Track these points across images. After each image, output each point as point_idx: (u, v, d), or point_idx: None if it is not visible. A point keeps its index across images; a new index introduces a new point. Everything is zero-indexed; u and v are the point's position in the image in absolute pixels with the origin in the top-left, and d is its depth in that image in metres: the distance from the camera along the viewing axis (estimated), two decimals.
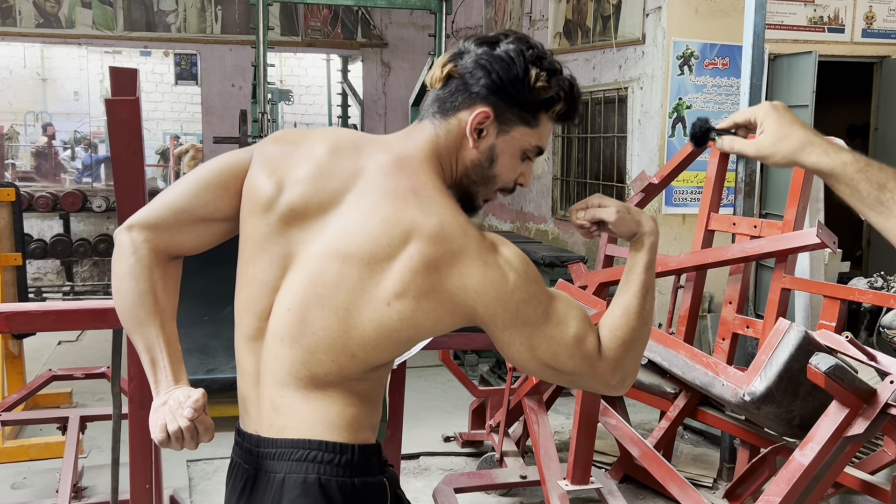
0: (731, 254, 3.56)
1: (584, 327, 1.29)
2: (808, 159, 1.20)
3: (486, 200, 1.40)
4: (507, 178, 1.36)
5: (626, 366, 1.32)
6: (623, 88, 5.67)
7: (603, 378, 1.31)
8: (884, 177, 1.15)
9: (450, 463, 4.12)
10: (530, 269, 1.29)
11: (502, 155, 1.33)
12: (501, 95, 1.29)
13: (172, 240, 1.40)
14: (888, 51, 5.71)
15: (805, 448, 2.90)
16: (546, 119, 1.34)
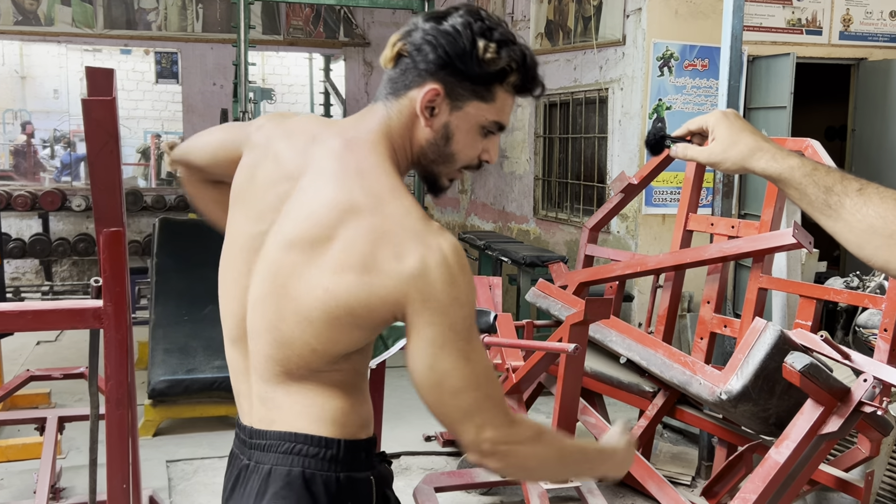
0: (709, 254, 3.60)
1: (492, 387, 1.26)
2: (757, 165, 1.22)
3: (451, 179, 1.37)
4: (467, 156, 1.33)
5: (510, 463, 1.28)
6: (604, 89, 5.70)
7: (480, 443, 1.25)
8: (831, 180, 1.16)
9: (430, 462, 4.13)
10: (468, 275, 1.24)
11: (458, 132, 1.30)
12: (450, 70, 1.26)
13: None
14: (865, 53, 5.78)
15: (780, 446, 2.94)
16: (503, 92, 1.29)
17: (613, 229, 5.58)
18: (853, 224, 1.15)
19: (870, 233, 1.14)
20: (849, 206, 1.14)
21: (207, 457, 4.10)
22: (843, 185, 1.16)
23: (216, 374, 4.35)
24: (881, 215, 1.12)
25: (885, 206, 1.13)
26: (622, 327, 3.63)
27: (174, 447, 4.22)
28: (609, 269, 4.03)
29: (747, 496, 2.95)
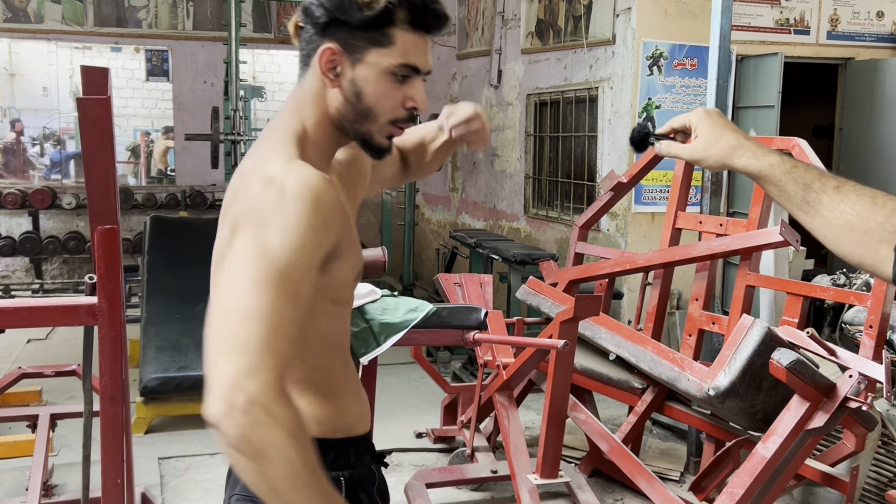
0: (698, 252, 3.63)
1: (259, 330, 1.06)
2: (739, 162, 1.25)
3: (389, 137, 1.32)
4: (385, 106, 1.28)
5: (253, 436, 1.02)
6: (594, 88, 5.73)
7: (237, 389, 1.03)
8: (809, 178, 1.19)
9: (421, 459, 4.15)
10: (308, 210, 1.14)
11: (366, 84, 1.27)
12: (337, 25, 1.24)
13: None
14: (852, 53, 5.84)
15: (767, 441, 2.98)
16: (400, 32, 1.25)
17: (603, 227, 5.62)
18: (830, 220, 1.18)
19: (846, 229, 1.17)
20: (826, 203, 1.17)
21: (199, 454, 4.12)
22: (821, 183, 1.19)
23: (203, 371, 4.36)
24: (857, 212, 1.15)
25: (862, 204, 1.16)
26: (611, 324, 3.66)
27: (166, 444, 4.23)
28: (599, 267, 4.06)
29: (735, 491, 2.99)
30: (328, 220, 1.17)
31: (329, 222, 1.18)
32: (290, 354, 1.10)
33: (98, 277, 1.81)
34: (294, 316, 1.11)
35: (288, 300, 1.10)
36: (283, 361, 1.07)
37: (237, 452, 1.04)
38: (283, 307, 1.09)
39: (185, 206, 8.11)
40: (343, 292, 1.35)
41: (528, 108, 6.78)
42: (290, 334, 1.10)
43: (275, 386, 1.04)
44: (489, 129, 1.66)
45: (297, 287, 1.12)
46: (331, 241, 1.21)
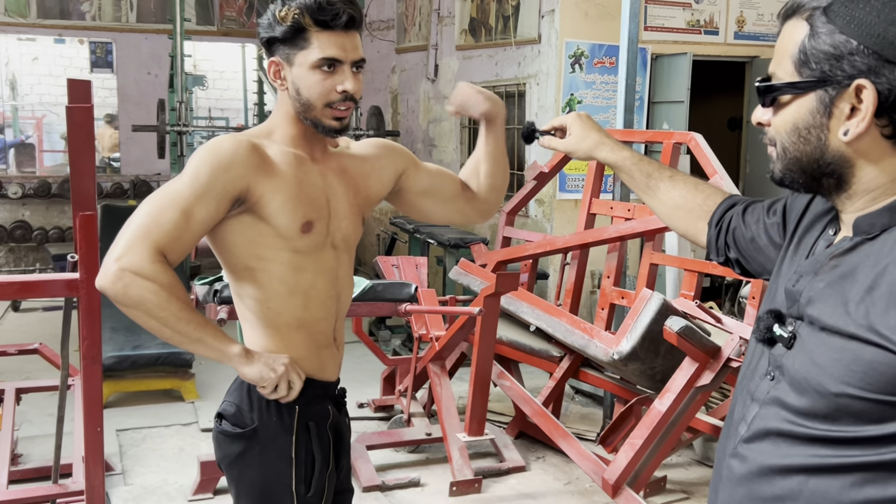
0: (608, 234, 4.06)
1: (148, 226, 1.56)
2: (600, 154, 1.63)
3: (336, 119, 1.69)
4: (318, 93, 1.65)
5: (128, 294, 1.53)
6: (522, 84, 6.14)
7: (113, 260, 1.55)
8: (651, 168, 1.58)
9: (363, 427, 4.50)
10: (209, 157, 1.60)
11: (301, 81, 1.66)
12: (273, 42, 1.66)
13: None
14: (757, 51, 6.35)
15: (663, 398, 3.42)
16: (314, 34, 1.63)
17: (532, 213, 6.04)
18: (665, 201, 1.58)
19: (675, 208, 1.57)
20: (662, 188, 1.57)
21: (154, 426, 4.42)
22: (659, 173, 1.59)
23: (160, 349, 4.65)
24: (683, 196, 1.56)
25: (687, 189, 1.56)
26: (532, 300, 4.08)
27: (123, 418, 4.51)
28: (523, 249, 4.47)
29: (635, 441, 3.43)
30: (226, 163, 1.59)
31: (229, 165, 1.59)
32: (171, 246, 1.56)
33: (80, 256, 2.13)
34: (178, 221, 1.56)
35: (172, 209, 1.56)
36: (159, 245, 1.54)
37: (122, 306, 1.55)
38: (164, 211, 1.56)
39: (133, 194, 8.29)
40: (294, 242, 1.69)
41: None
42: (170, 231, 1.55)
43: (147, 257, 1.52)
44: (478, 93, 1.94)
45: (187, 204, 1.57)
46: (233, 182, 1.61)
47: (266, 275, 1.71)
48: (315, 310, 1.76)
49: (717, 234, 1.49)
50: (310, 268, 1.74)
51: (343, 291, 1.84)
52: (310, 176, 1.73)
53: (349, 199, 1.81)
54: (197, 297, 3.26)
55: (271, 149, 1.70)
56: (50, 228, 8.14)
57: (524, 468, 4.00)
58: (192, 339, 1.60)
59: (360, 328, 4.42)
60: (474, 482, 3.71)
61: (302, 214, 1.69)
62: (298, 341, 1.76)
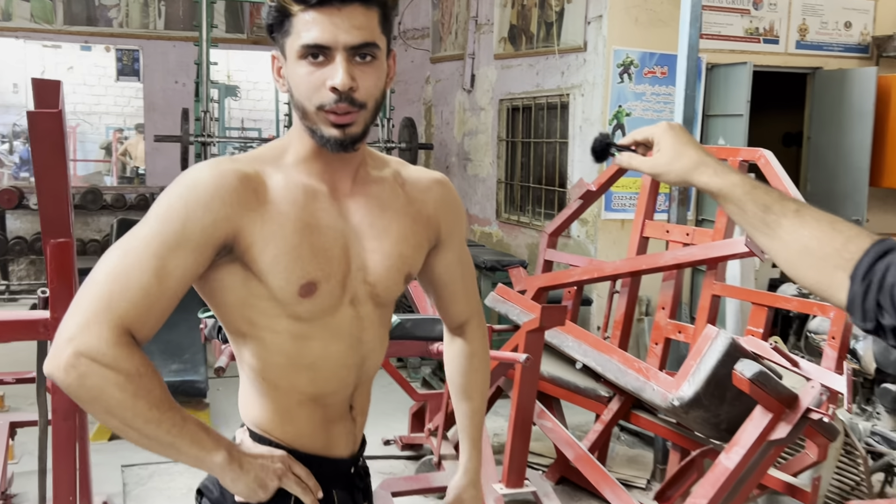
0: (664, 261, 3.65)
1: (107, 292, 1.16)
2: (700, 179, 1.24)
3: (337, 126, 1.27)
4: (303, 91, 1.26)
5: (84, 385, 1.15)
6: (565, 95, 5.75)
7: (67, 343, 1.15)
8: (769, 199, 1.19)
9: (389, 466, 4.14)
10: (183, 193, 1.22)
11: (291, 77, 1.28)
12: (271, 32, 1.29)
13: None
14: (820, 62, 5.90)
15: (730, 451, 3.00)
16: (298, 15, 1.24)
17: (574, 234, 5.63)
18: (788, 243, 1.17)
19: (803, 253, 1.16)
20: (785, 225, 1.17)
21: (163, 461, 4.06)
22: (781, 205, 1.18)
23: (173, 377, 4.32)
24: (816, 237, 1.15)
25: (821, 229, 1.15)
26: (578, 333, 3.67)
27: (129, 452, 4.17)
28: (567, 275, 4.07)
29: (698, 501, 3.00)
30: (205, 201, 1.21)
31: (208, 204, 1.21)
32: (141, 319, 1.18)
33: (51, 291, 1.78)
34: (148, 284, 1.18)
35: (139, 268, 1.18)
36: (124, 319, 1.16)
37: (78, 400, 1.17)
38: (130, 272, 1.17)
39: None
40: (292, 307, 1.30)
41: (500, 112, 6.78)
42: (138, 300, 1.17)
43: (108, 339, 1.14)
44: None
45: (158, 260, 1.19)
46: (214, 225, 1.22)
47: (261, 343, 1.33)
48: (325, 383, 1.38)
49: (864, 291, 1.09)
50: (318, 335, 1.34)
51: (369, 356, 1.44)
52: (321, 217, 1.32)
53: (385, 247, 1.39)
54: (204, 330, 2.90)
55: (274, 178, 1.30)
56: None
57: None
58: (162, 444, 1.21)
59: (385, 358, 4.04)
60: None
61: (300, 274, 1.29)
62: (301, 416, 1.38)
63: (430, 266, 1.54)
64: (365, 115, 1.29)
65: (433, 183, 1.50)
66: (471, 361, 1.66)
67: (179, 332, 4.36)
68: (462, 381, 1.66)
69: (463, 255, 1.59)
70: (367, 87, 1.26)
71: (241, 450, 1.31)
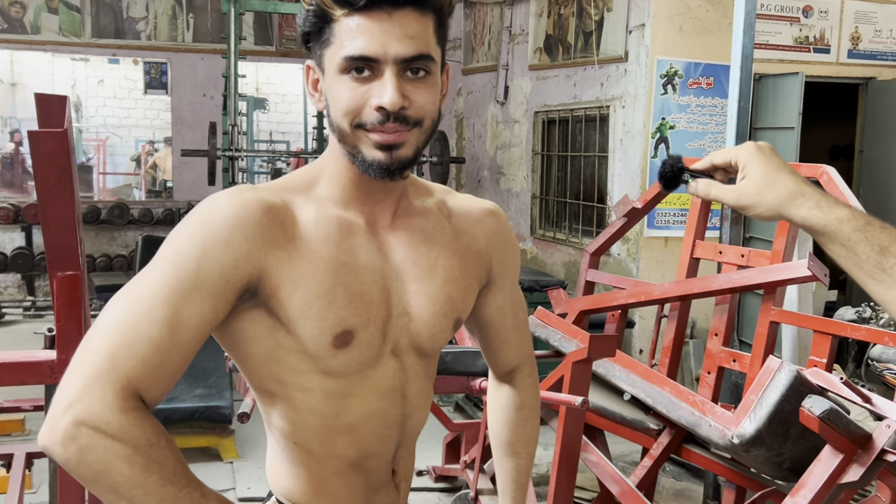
0: (718, 284, 3.42)
1: (116, 344, 0.97)
2: (798, 213, 1.04)
3: (383, 147, 1.08)
4: (339, 110, 1.08)
5: (85, 460, 0.95)
6: (605, 107, 5.53)
7: (65, 412, 0.95)
8: (887, 238, 0.99)
9: (422, 499, 3.93)
10: (195, 226, 1.04)
11: (329, 92, 1.10)
12: (306, 40, 1.11)
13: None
14: (873, 72, 5.64)
15: (797, 495, 2.75)
16: (341, 21, 1.06)
17: (614, 252, 5.40)
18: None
19: None
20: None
21: None
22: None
23: (197, 402, 4.15)
24: None
25: None
26: (626, 362, 3.44)
27: None
28: (611, 298, 3.84)
29: None
30: (225, 238, 1.03)
31: (228, 240, 1.03)
32: (151, 378, 0.99)
33: (58, 329, 1.60)
34: (159, 337, 0.99)
35: (149, 318, 1.00)
36: (131, 379, 0.97)
37: (79, 477, 0.97)
38: (138, 324, 0.99)
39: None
40: (326, 361, 1.11)
41: (535, 125, 6.58)
42: (147, 355, 0.99)
43: (113, 404, 0.95)
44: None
45: (170, 308, 1.01)
46: (235, 265, 1.03)
47: (291, 404, 1.14)
48: (365, 446, 1.19)
49: None
50: (356, 392, 1.15)
51: (412, 414, 1.24)
52: (359, 255, 1.14)
53: (431, 289, 1.20)
54: (228, 362, 2.72)
55: (305, 210, 1.12)
56: (98, 256, 7.81)
57: None
58: None
59: None
60: None
61: (335, 321, 1.10)
62: (339, 486, 1.19)
63: (479, 308, 1.34)
64: (418, 134, 1.09)
65: (484, 214, 1.31)
66: (519, 413, 1.46)
67: (204, 356, 4.17)
68: (509, 435, 1.47)
69: (515, 296, 1.40)
70: (421, 104, 1.07)
71: None
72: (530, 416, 1.48)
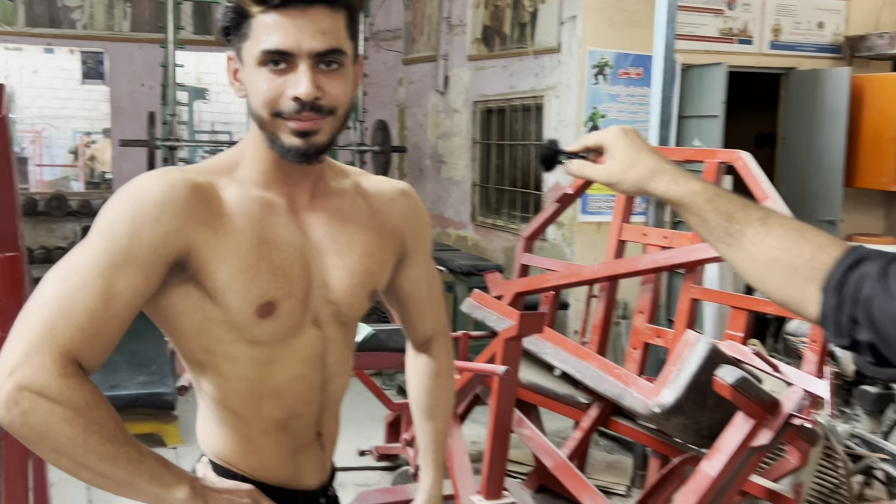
0: (642, 265, 3.60)
1: (55, 297, 1.07)
2: (657, 187, 1.15)
3: (300, 134, 1.17)
4: (258, 100, 1.17)
5: (28, 423, 1.04)
6: (540, 96, 5.69)
7: (7, 378, 1.04)
8: (732, 207, 1.10)
9: (365, 478, 4.05)
10: (126, 207, 1.12)
11: (248, 83, 1.19)
12: (226, 32, 1.20)
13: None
14: (794, 62, 5.90)
15: (712, 459, 2.95)
16: (258, 17, 1.14)
17: (550, 237, 5.58)
18: (754, 255, 1.08)
19: (772, 265, 1.07)
20: (751, 235, 1.08)
21: None
22: (745, 214, 1.10)
23: (140, 389, 4.19)
24: (784, 247, 1.06)
25: (789, 238, 1.07)
26: (556, 339, 3.60)
27: None
28: (544, 280, 4.00)
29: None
30: (155, 214, 1.12)
31: (158, 217, 1.12)
32: (88, 346, 1.08)
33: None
34: (94, 307, 1.08)
35: (84, 290, 1.08)
36: (69, 347, 1.06)
37: (23, 439, 1.07)
38: (74, 296, 1.08)
39: None
40: (251, 330, 1.21)
41: (474, 115, 6.71)
42: (84, 325, 1.08)
43: (52, 369, 1.04)
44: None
45: (105, 281, 1.09)
46: (165, 240, 1.12)
47: (219, 372, 1.24)
48: (290, 408, 1.30)
49: (837, 304, 1.01)
50: (279, 359, 1.26)
51: (333, 379, 1.35)
52: (280, 232, 1.23)
53: (349, 263, 1.31)
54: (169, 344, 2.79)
55: (228, 191, 1.21)
56: (36, 248, 7.71)
57: None
58: (119, 483, 1.10)
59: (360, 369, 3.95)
60: None
61: (258, 293, 1.20)
62: (266, 445, 1.30)
63: (396, 281, 1.46)
64: (332, 122, 1.19)
65: (397, 194, 1.42)
66: (436, 380, 1.58)
67: (146, 343, 4.22)
68: (427, 400, 1.59)
69: (429, 269, 1.52)
70: (334, 94, 1.17)
71: (204, 485, 1.22)
72: (446, 382, 1.60)
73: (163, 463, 1.15)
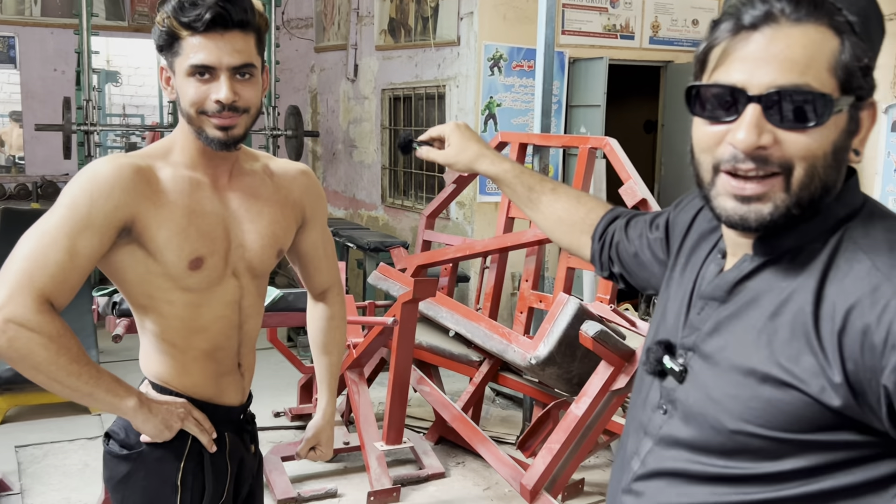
0: (526, 238, 4.06)
1: (33, 256, 1.42)
2: (481, 167, 1.55)
3: (221, 128, 1.52)
4: (188, 102, 1.51)
5: (13, 347, 1.39)
6: (442, 86, 6.11)
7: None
8: (532, 181, 1.51)
9: (279, 437, 4.40)
10: (87, 183, 1.46)
11: (179, 88, 1.52)
12: (159, 48, 1.52)
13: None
14: (671, 56, 6.47)
15: (579, 402, 3.43)
16: (186, 39, 1.48)
17: (453, 216, 6.02)
18: (547, 215, 1.51)
19: (558, 222, 1.51)
20: (545, 201, 1.50)
21: (57, 440, 4.21)
22: (541, 186, 1.51)
23: None
24: (566, 209, 1.49)
25: (570, 203, 1.51)
26: (451, 304, 4.05)
27: (23, 433, 4.29)
28: (443, 253, 4.44)
29: (552, 446, 3.43)
30: (107, 190, 1.46)
31: (109, 192, 1.46)
32: (58, 290, 1.43)
33: None
34: (63, 261, 1.43)
35: (55, 248, 1.43)
36: (44, 290, 1.41)
37: (8, 360, 1.41)
38: (47, 252, 1.43)
39: (36, 196, 7.92)
40: (184, 280, 1.57)
41: (383, 102, 7.08)
42: (55, 274, 1.42)
43: (32, 307, 1.39)
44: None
45: (69, 241, 1.44)
46: (115, 210, 1.48)
47: (159, 313, 1.61)
48: (215, 341, 1.68)
49: (600, 248, 1.45)
50: (206, 303, 1.63)
51: (248, 320, 1.73)
52: (205, 204, 1.60)
53: (259, 228, 1.68)
54: (97, 308, 3.11)
55: (164, 172, 1.56)
56: None
57: (444, 475, 3.97)
58: (82, 394, 1.48)
59: (275, 336, 4.31)
60: (392, 491, 3.65)
61: (189, 251, 1.57)
62: (196, 369, 1.67)
63: (297, 243, 1.84)
64: (246, 119, 1.57)
65: (297, 173, 1.80)
66: (331, 322, 1.97)
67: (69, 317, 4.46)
68: (323, 338, 1.97)
69: (325, 233, 1.91)
70: (247, 97, 1.54)
71: (149, 397, 1.60)
72: (339, 325, 2.00)
73: (116, 380, 1.53)
